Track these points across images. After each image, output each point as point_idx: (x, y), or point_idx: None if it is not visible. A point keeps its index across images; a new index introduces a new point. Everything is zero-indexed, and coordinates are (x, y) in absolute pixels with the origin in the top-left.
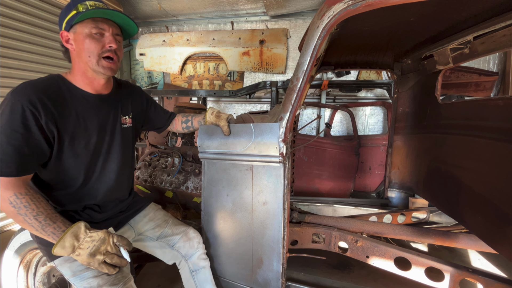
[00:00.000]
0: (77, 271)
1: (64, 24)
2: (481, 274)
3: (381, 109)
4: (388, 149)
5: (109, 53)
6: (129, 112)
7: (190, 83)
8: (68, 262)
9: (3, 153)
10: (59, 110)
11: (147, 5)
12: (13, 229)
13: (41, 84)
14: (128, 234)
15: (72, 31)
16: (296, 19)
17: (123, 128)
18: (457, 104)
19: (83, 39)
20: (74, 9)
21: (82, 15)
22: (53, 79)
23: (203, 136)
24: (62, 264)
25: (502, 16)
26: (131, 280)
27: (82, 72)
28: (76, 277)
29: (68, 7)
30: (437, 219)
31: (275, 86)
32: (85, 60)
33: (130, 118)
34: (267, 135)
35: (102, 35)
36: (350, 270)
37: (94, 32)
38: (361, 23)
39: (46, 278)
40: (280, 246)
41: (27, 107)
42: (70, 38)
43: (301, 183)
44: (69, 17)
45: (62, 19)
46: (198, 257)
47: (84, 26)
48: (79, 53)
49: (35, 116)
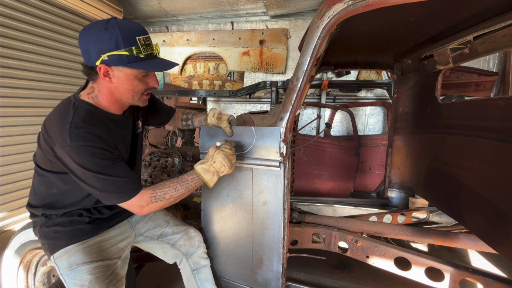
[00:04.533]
0: (74, 264)
1: (106, 58)
2: (481, 274)
3: (381, 109)
4: (388, 149)
5: (150, 90)
6: (140, 116)
7: (190, 83)
8: (68, 255)
9: (123, 181)
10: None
11: (147, 5)
12: (13, 229)
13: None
14: (129, 234)
15: (117, 69)
16: (296, 19)
17: (137, 133)
18: (457, 104)
19: (130, 80)
20: (125, 48)
21: (141, 66)
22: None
23: (205, 138)
24: (61, 257)
25: (502, 16)
26: (123, 284)
27: (114, 100)
28: (71, 271)
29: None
30: (437, 219)
31: (275, 86)
32: (125, 96)
33: (141, 121)
34: (269, 138)
35: (147, 75)
36: (350, 270)
37: (142, 75)
38: (361, 23)
39: (46, 278)
40: (280, 246)
41: (96, 146)
42: (111, 74)
43: (301, 183)
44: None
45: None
46: (199, 255)
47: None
48: (118, 88)
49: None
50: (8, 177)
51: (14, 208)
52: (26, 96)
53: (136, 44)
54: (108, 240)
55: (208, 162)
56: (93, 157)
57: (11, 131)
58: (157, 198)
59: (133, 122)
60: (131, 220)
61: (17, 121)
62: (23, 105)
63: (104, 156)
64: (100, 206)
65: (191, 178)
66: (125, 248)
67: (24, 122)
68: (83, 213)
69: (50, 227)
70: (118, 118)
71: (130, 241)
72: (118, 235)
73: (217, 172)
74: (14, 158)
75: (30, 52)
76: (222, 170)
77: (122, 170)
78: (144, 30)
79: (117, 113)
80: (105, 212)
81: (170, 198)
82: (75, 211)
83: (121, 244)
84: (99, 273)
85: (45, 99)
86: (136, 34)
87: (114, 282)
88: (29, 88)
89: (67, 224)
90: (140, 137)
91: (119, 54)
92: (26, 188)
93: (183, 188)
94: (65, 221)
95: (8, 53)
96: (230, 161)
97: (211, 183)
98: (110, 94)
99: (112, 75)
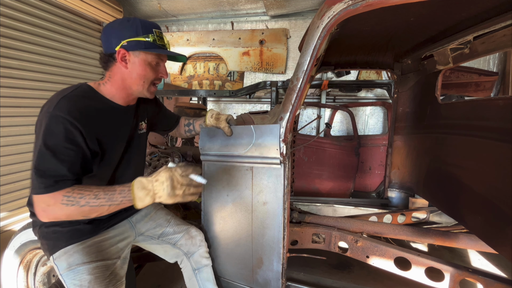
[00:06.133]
0: (73, 265)
1: (126, 43)
2: (481, 274)
3: (381, 109)
4: (388, 149)
5: (158, 81)
6: (145, 117)
7: (190, 83)
8: (67, 255)
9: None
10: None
11: (147, 5)
12: (13, 229)
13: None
14: (129, 233)
15: (134, 54)
16: (296, 19)
17: (139, 134)
18: (457, 104)
19: (144, 65)
20: (143, 35)
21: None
22: (86, 91)
23: (204, 138)
24: (60, 257)
25: (502, 16)
26: (122, 284)
27: (123, 87)
28: (70, 271)
29: (135, 28)
30: (437, 219)
31: (275, 86)
32: (136, 82)
33: (145, 123)
34: (268, 136)
35: (158, 65)
36: (350, 270)
37: (154, 62)
38: (361, 23)
39: (46, 278)
40: (280, 246)
41: (72, 123)
42: (127, 58)
43: (301, 183)
44: (137, 41)
45: (124, 36)
46: (200, 255)
47: (148, 55)
48: (131, 74)
49: (80, 131)
50: (8, 177)
51: (14, 208)
52: (26, 96)
53: (153, 33)
54: (107, 240)
55: (151, 177)
56: (59, 134)
57: (11, 131)
58: (69, 200)
59: (136, 121)
60: (131, 219)
61: (17, 121)
62: (23, 105)
63: (69, 139)
64: None
65: (120, 189)
66: (125, 248)
67: (24, 122)
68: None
69: (49, 227)
70: (118, 108)
71: (130, 241)
72: (118, 235)
73: (154, 193)
74: (14, 158)
75: (30, 52)
76: (160, 194)
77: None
78: (159, 27)
79: (120, 103)
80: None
81: (84, 206)
82: None
83: (121, 244)
84: (98, 273)
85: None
86: (153, 27)
87: (114, 282)
88: (29, 88)
89: (66, 224)
90: (142, 138)
91: (138, 40)
92: (26, 188)
93: (105, 199)
94: (64, 221)
95: (8, 53)
96: (173, 187)
97: (139, 202)
98: (121, 80)
99: (128, 59)
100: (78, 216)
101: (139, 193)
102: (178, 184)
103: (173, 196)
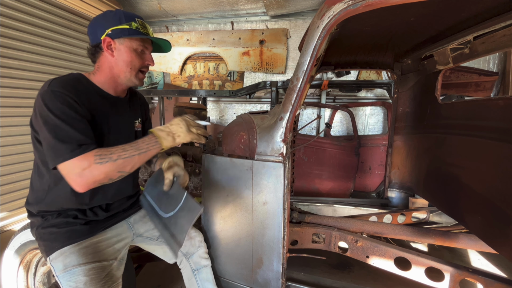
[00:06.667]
0: (69, 266)
1: (110, 31)
2: (481, 274)
3: (381, 109)
4: (388, 149)
5: (146, 68)
6: (139, 117)
7: (190, 83)
8: (63, 256)
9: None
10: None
11: (147, 5)
12: (13, 229)
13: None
14: (126, 234)
15: (119, 42)
16: (296, 19)
17: (136, 130)
18: (457, 104)
19: (129, 52)
20: (126, 23)
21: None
22: (77, 78)
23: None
24: (56, 258)
25: (502, 16)
26: (118, 285)
27: (111, 76)
28: (66, 273)
29: (118, 17)
30: (437, 219)
31: (275, 86)
32: (123, 70)
33: (139, 123)
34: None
35: (144, 52)
36: (350, 270)
37: (140, 49)
38: (361, 23)
39: (46, 278)
40: (280, 246)
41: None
42: (113, 46)
43: (301, 183)
44: (121, 28)
45: (108, 25)
46: (199, 255)
47: (132, 41)
48: (118, 62)
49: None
50: (8, 177)
51: (14, 208)
52: (26, 96)
53: (135, 22)
54: (104, 241)
55: (166, 124)
56: (63, 104)
57: (11, 131)
58: (102, 158)
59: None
60: (129, 220)
61: (17, 121)
62: (23, 105)
63: (73, 107)
64: (95, 208)
65: (141, 140)
66: (122, 249)
67: (24, 122)
68: (78, 215)
69: (46, 228)
70: (107, 97)
71: (128, 242)
72: (115, 236)
73: (172, 133)
74: (14, 158)
75: (30, 52)
76: (178, 133)
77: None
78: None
79: (110, 92)
80: (100, 214)
81: (117, 159)
82: (70, 212)
83: (118, 245)
84: (93, 275)
85: None
86: (135, 16)
87: (109, 283)
88: (29, 88)
89: (63, 225)
90: (139, 135)
91: (121, 28)
92: (26, 188)
93: (133, 149)
94: (61, 222)
95: (8, 53)
96: (187, 126)
97: (164, 141)
98: (109, 69)
99: (114, 47)
100: (114, 173)
101: (161, 133)
102: (191, 124)
103: (190, 133)
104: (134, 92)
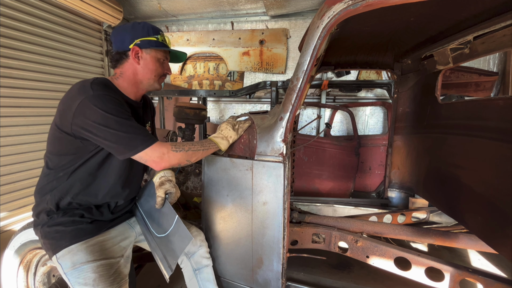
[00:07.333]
0: (78, 263)
1: (139, 42)
2: (481, 274)
3: (381, 109)
4: (388, 149)
5: (164, 76)
6: (149, 121)
7: (190, 83)
8: (71, 254)
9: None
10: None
11: (147, 5)
12: (13, 229)
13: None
14: (129, 233)
15: (145, 51)
16: (296, 19)
17: None
18: (457, 104)
19: (154, 61)
20: (154, 35)
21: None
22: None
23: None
24: (63, 256)
25: (502, 16)
26: (126, 283)
27: (134, 82)
28: (74, 270)
29: (147, 30)
30: (437, 219)
31: (275, 86)
32: (147, 76)
33: (149, 126)
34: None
35: (164, 62)
36: (350, 270)
37: (162, 59)
38: (361, 23)
39: (46, 278)
40: (280, 246)
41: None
42: (140, 55)
43: (301, 183)
44: (148, 40)
45: (137, 36)
46: (201, 255)
47: (158, 52)
48: (143, 69)
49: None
50: (8, 177)
51: (14, 208)
52: (26, 96)
53: (161, 35)
54: (110, 240)
55: (218, 131)
56: (115, 105)
57: (11, 131)
58: (176, 147)
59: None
60: (129, 221)
61: (17, 121)
62: (23, 105)
63: (123, 107)
64: (103, 207)
65: (205, 140)
66: (127, 247)
67: (24, 122)
68: (84, 214)
69: (52, 227)
70: (131, 103)
71: (132, 240)
72: (119, 234)
73: (226, 137)
74: (14, 158)
75: (30, 52)
76: (230, 135)
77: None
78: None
79: (131, 97)
80: (106, 214)
81: (188, 150)
82: (76, 211)
83: (123, 243)
84: (102, 272)
85: (45, 99)
86: (160, 30)
87: (118, 280)
88: (29, 88)
89: (69, 224)
90: None
91: (149, 39)
92: (26, 188)
93: (199, 144)
94: (67, 221)
95: (8, 53)
96: (233, 126)
97: (222, 145)
98: (133, 75)
99: (141, 56)
100: (184, 160)
101: (217, 139)
102: (235, 125)
103: (236, 131)
104: (145, 97)
